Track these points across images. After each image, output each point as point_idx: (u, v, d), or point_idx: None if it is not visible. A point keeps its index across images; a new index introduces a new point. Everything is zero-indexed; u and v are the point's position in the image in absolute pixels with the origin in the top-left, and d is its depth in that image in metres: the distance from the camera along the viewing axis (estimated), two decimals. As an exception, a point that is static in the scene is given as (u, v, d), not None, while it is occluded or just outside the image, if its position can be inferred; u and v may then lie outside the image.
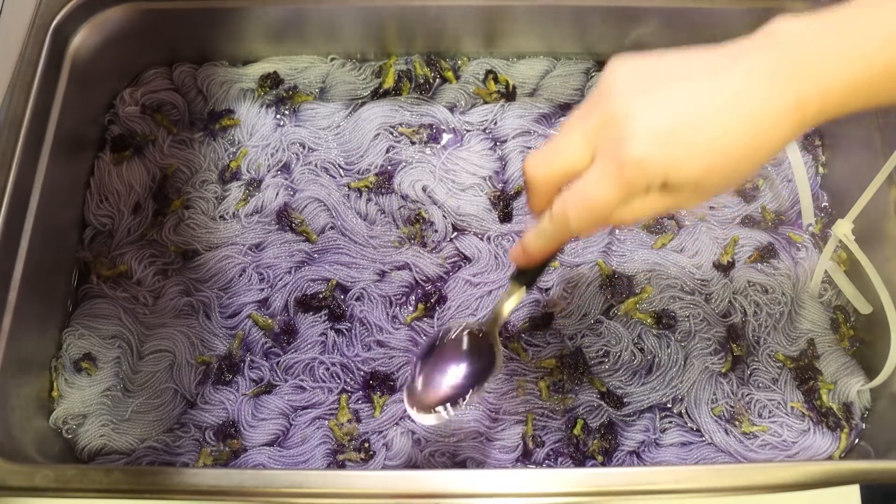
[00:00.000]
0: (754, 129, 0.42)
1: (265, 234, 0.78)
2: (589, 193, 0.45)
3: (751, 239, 0.78)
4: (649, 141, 0.42)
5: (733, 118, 0.42)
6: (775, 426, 0.71)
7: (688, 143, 0.42)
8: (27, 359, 0.70)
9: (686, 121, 0.42)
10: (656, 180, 0.43)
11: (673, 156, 0.42)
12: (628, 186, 0.44)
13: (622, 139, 0.42)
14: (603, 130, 0.44)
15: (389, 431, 0.70)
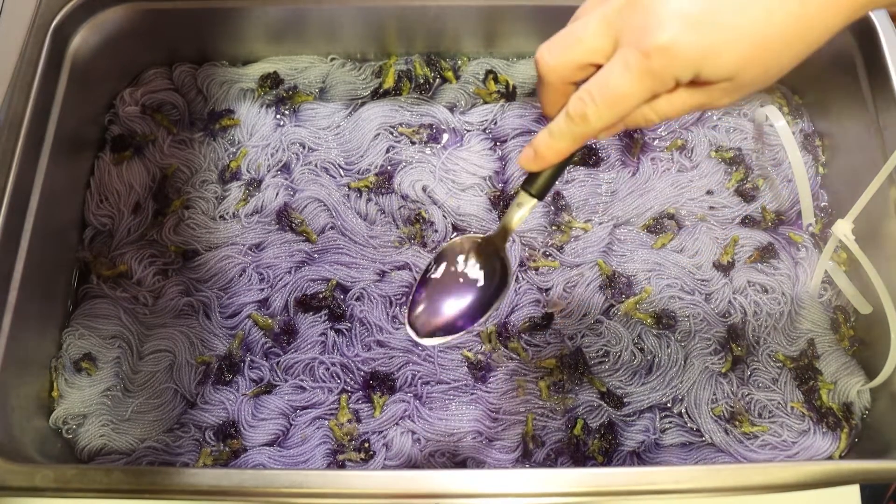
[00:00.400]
0: (801, 11, 0.37)
1: (265, 234, 0.78)
2: (610, 86, 0.39)
3: (751, 239, 0.78)
4: (679, 25, 0.37)
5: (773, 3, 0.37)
6: (775, 426, 0.71)
7: (724, 26, 0.37)
8: (27, 359, 0.70)
9: (723, 4, 0.37)
10: (686, 72, 0.38)
11: (706, 42, 0.37)
12: (655, 78, 0.39)
13: (648, 23, 0.37)
14: (626, 13, 0.39)
15: (389, 431, 0.70)
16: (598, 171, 0.81)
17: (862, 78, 0.77)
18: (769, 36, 0.37)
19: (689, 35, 0.37)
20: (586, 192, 0.80)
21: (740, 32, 0.37)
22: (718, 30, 0.37)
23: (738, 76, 0.39)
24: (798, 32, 0.38)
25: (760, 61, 0.38)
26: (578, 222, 0.79)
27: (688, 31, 0.37)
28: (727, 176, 0.82)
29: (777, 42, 0.38)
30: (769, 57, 0.38)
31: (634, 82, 0.39)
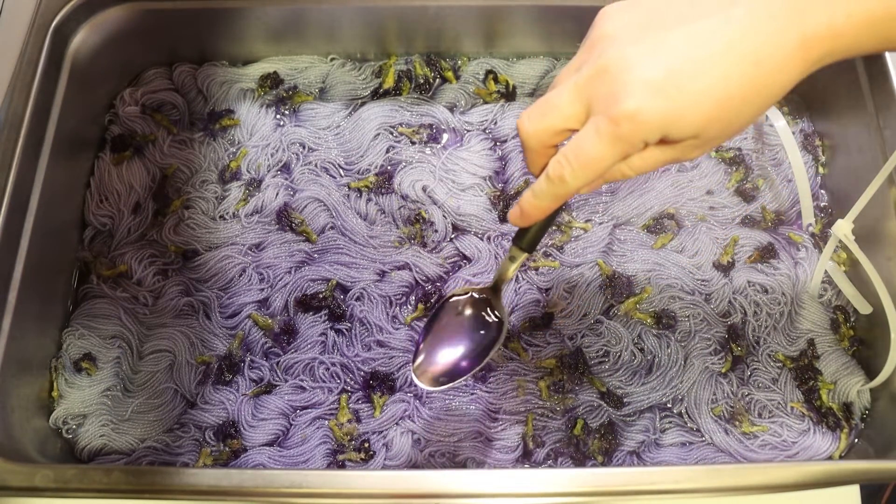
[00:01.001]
0: (755, 72, 0.39)
1: (265, 234, 0.78)
2: (584, 151, 0.42)
3: (751, 239, 0.78)
4: (644, 93, 0.39)
5: (732, 62, 0.39)
6: (775, 426, 0.71)
7: (685, 90, 0.39)
8: (27, 359, 0.70)
9: (682, 68, 0.39)
10: (654, 135, 0.41)
11: (670, 107, 0.40)
12: (625, 142, 0.41)
13: (616, 92, 0.40)
14: (596, 83, 0.41)
15: (389, 431, 0.70)
16: (598, 171, 0.81)
17: (862, 78, 0.77)
18: (728, 96, 0.40)
19: (653, 101, 0.39)
20: (586, 192, 0.80)
21: (701, 95, 0.39)
22: (681, 94, 0.39)
23: (702, 134, 0.41)
24: (755, 91, 0.40)
25: (722, 119, 0.41)
26: (578, 222, 0.79)
27: (653, 98, 0.39)
28: (727, 176, 0.82)
29: (736, 101, 0.40)
30: (730, 114, 0.41)
31: (606, 147, 0.41)
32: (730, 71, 0.39)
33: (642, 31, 0.40)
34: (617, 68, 0.40)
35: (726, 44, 0.39)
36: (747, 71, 0.39)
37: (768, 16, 0.39)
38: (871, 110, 0.75)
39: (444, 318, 0.58)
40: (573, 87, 0.42)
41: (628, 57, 0.40)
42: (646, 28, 0.40)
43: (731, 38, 0.39)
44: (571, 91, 0.42)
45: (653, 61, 0.40)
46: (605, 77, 0.41)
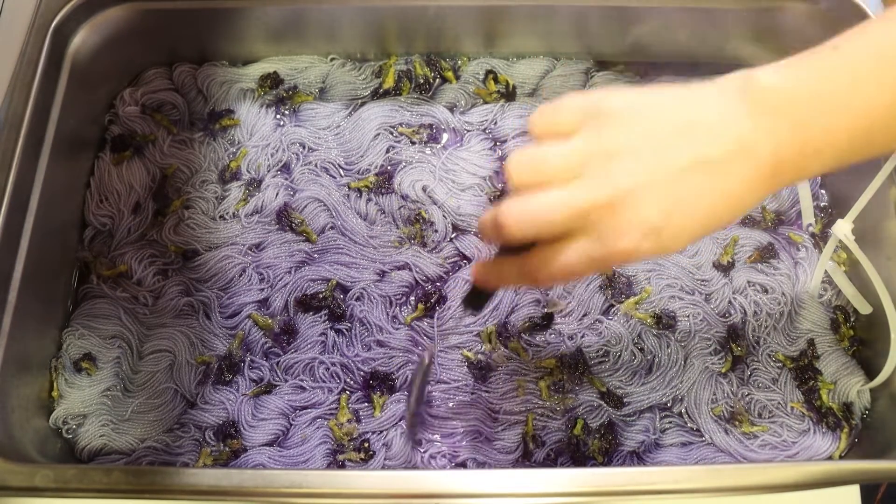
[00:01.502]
0: (736, 205, 0.43)
1: (265, 234, 0.78)
2: (565, 264, 0.44)
3: (751, 239, 0.78)
4: (643, 235, 0.42)
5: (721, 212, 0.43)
6: (775, 426, 0.71)
7: (676, 231, 0.42)
8: (27, 359, 0.70)
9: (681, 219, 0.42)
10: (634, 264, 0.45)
11: (660, 248, 0.43)
12: (604, 267, 0.46)
13: (619, 229, 0.42)
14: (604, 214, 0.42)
15: (389, 431, 0.70)
16: (598, 171, 0.81)
17: (862, 78, 0.77)
18: (706, 232, 0.43)
19: (649, 243, 0.42)
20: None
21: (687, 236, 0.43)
22: (671, 235, 0.42)
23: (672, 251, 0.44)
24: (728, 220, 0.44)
25: (694, 240, 0.44)
26: (578, 222, 0.79)
27: (648, 239, 0.42)
28: (727, 176, 0.81)
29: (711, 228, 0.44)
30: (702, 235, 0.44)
31: (587, 267, 0.44)
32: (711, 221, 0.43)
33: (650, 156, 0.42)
34: (623, 205, 0.41)
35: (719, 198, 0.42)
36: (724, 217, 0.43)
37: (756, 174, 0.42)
38: None
39: None
40: (577, 212, 0.42)
41: (637, 193, 0.41)
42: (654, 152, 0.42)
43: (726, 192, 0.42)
44: (574, 213, 0.42)
45: (656, 204, 0.41)
46: (612, 211, 0.42)
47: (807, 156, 0.42)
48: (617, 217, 0.42)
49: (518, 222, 0.43)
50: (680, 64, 0.85)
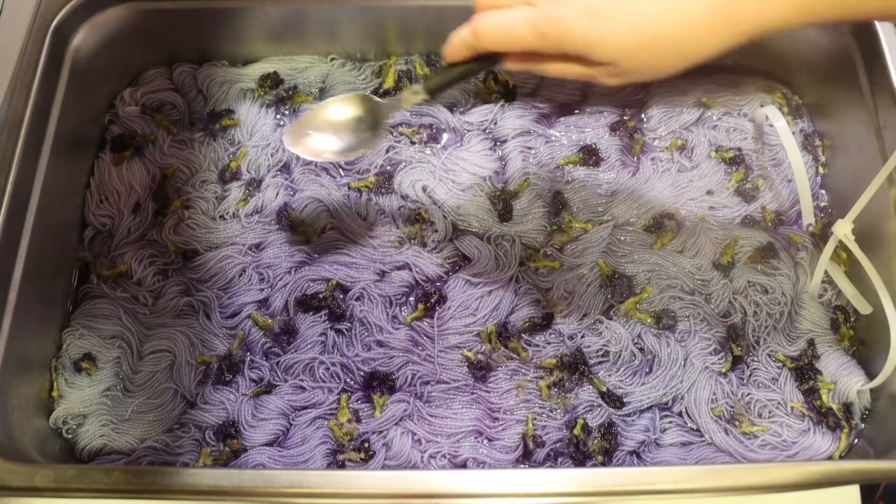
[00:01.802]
0: (684, 27, 0.43)
1: (265, 234, 0.78)
2: (509, 26, 0.48)
3: (751, 239, 0.78)
4: (582, 11, 0.44)
5: (671, 14, 0.43)
6: (775, 426, 0.71)
7: (612, 21, 0.44)
8: (27, 359, 0.70)
9: (624, 4, 0.44)
10: (574, 48, 0.46)
11: (594, 29, 0.44)
12: (545, 40, 0.46)
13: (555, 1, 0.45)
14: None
15: (389, 431, 0.70)
16: (598, 171, 0.81)
17: (862, 78, 0.77)
18: (652, 41, 0.44)
19: (583, 20, 0.44)
20: (586, 192, 0.80)
21: (625, 28, 0.44)
22: (607, 22, 0.44)
23: (618, 63, 0.45)
24: (680, 44, 0.45)
25: (639, 56, 0.45)
26: (578, 222, 0.79)
27: (586, 17, 0.44)
28: (727, 176, 0.82)
29: (659, 47, 0.44)
30: (647, 54, 0.45)
31: (527, 33, 0.47)
32: (660, 17, 0.44)
33: None
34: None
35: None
36: (678, 25, 0.43)
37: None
38: (871, 110, 0.75)
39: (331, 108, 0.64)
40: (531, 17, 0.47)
41: None
42: None
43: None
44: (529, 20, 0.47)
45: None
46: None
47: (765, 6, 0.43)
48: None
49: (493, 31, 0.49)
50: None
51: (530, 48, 0.48)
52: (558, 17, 0.45)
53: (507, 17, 0.48)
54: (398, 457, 0.69)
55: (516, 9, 0.48)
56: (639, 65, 0.46)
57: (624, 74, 0.47)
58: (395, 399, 0.72)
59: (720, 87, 0.85)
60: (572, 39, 0.45)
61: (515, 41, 0.49)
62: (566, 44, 0.46)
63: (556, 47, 0.47)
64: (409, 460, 0.69)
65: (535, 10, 0.47)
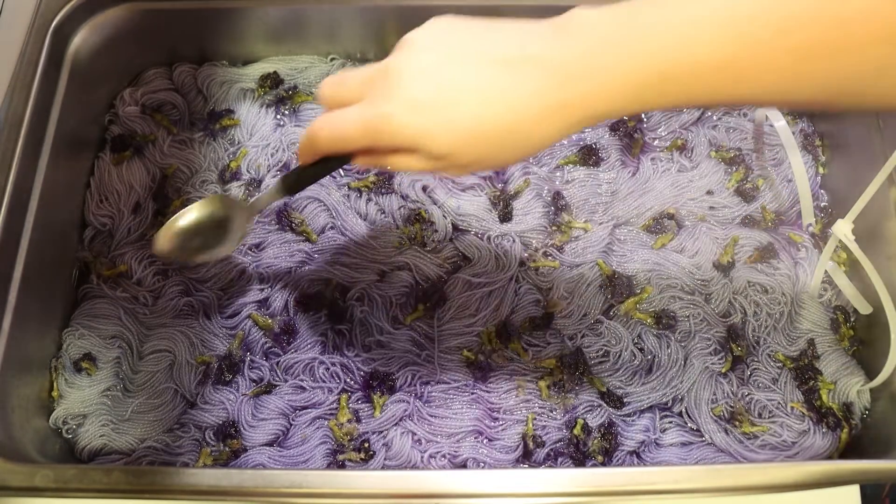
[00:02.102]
0: (511, 119, 0.43)
1: (265, 234, 0.78)
2: (341, 124, 0.48)
3: (751, 239, 0.78)
4: (406, 105, 0.44)
5: (495, 105, 0.43)
6: (775, 426, 0.71)
7: (440, 117, 0.44)
8: (27, 359, 0.70)
9: (447, 97, 0.44)
10: (405, 143, 0.45)
11: (423, 124, 0.44)
12: (376, 136, 0.46)
13: (385, 95, 0.45)
14: (377, 78, 0.47)
15: (389, 431, 0.70)
16: (598, 171, 0.81)
17: (862, 78, 0.77)
18: (483, 134, 0.44)
19: (410, 115, 0.44)
20: (586, 192, 0.80)
21: (453, 125, 0.44)
22: (435, 116, 0.44)
23: (452, 157, 0.45)
24: (513, 137, 0.44)
25: (473, 151, 0.45)
26: (578, 222, 0.79)
27: (410, 112, 0.44)
28: (727, 176, 0.82)
29: (491, 140, 0.44)
30: (482, 149, 0.45)
31: (358, 130, 0.47)
32: (491, 113, 0.43)
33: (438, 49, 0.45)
34: (396, 75, 0.45)
35: (495, 88, 0.43)
36: (508, 117, 0.43)
37: (541, 74, 0.43)
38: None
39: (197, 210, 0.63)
40: (361, 79, 0.48)
41: (407, 71, 0.45)
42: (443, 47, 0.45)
43: (501, 87, 0.43)
44: (360, 80, 0.48)
45: (425, 81, 0.44)
46: (385, 78, 0.46)
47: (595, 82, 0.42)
48: (387, 85, 0.45)
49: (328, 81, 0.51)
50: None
51: (365, 147, 0.48)
52: (386, 114, 0.45)
53: (338, 119, 0.48)
54: (398, 457, 0.69)
55: (348, 109, 0.48)
56: (475, 157, 0.45)
57: (465, 166, 0.47)
58: (395, 399, 0.72)
59: (720, 87, 0.85)
60: (402, 136, 0.45)
61: (349, 142, 0.49)
62: (397, 140, 0.46)
63: (390, 143, 0.46)
64: (409, 460, 0.69)
65: (364, 109, 0.47)
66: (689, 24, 0.41)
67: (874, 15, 0.38)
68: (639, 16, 0.42)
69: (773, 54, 0.40)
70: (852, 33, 0.38)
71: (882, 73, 0.39)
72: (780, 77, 0.41)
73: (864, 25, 0.38)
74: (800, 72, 0.40)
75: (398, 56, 0.46)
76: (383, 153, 0.48)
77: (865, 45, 0.38)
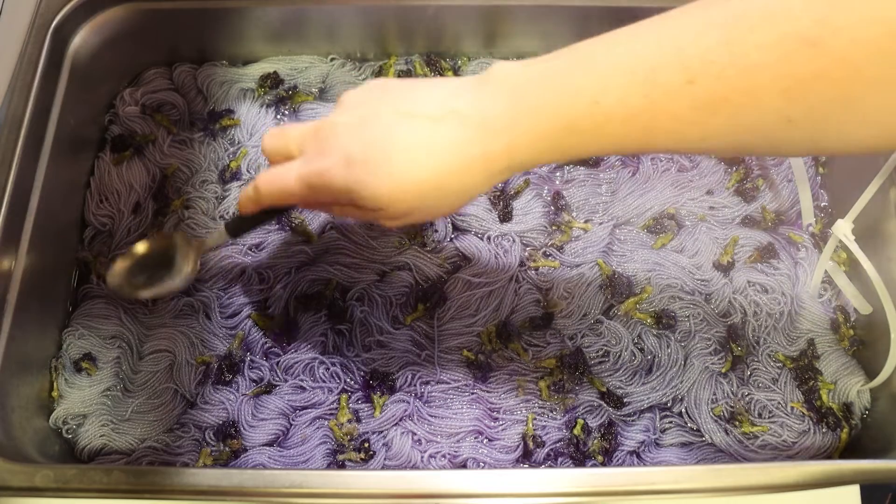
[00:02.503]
0: (437, 175, 0.45)
1: (265, 234, 0.78)
2: (281, 179, 0.52)
3: (751, 239, 0.78)
4: (338, 160, 0.47)
5: (423, 159, 0.45)
6: (775, 426, 0.71)
7: (371, 173, 0.46)
8: (27, 359, 0.70)
9: (377, 152, 0.46)
10: (341, 196, 0.48)
11: (355, 179, 0.46)
12: (314, 190, 0.49)
13: (321, 152, 0.49)
14: (312, 135, 0.50)
15: (389, 431, 0.70)
16: (598, 171, 0.81)
17: (862, 78, 0.77)
18: (414, 187, 0.46)
19: (342, 170, 0.47)
20: (586, 192, 0.80)
21: (385, 179, 0.45)
22: (367, 171, 0.46)
23: (388, 209, 0.47)
24: (437, 187, 0.46)
25: (406, 202, 0.46)
26: (578, 222, 0.79)
27: (342, 167, 0.47)
28: (727, 176, 0.82)
29: (422, 192, 0.46)
30: (415, 202, 0.46)
31: (296, 184, 0.51)
32: (419, 166, 0.45)
33: (369, 108, 0.48)
34: (330, 132, 0.49)
35: (422, 142, 0.45)
36: (431, 169, 0.45)
37: (462, 128, 0.45)
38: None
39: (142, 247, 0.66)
40: (299, 135, 0.52)
41: (340, 128, 0.48)
42: (374, 105, 0.48)
43: (427, 141, 0.45)
44: (298, 136, 0.52)
45: (356, 139, 0.47)
46: (320, 134, 0.50)
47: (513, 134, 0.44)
48: (323, 140, 0.49)
49: (269, 135, 0.54)
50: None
51: (305, 199, 0.52)
52: (322, 169, 0.48)
53: (279, 174, 0.52)
54: (398, 457, 0.69)
55: (289, 164, 0.51)
56: (408, 208, 0.47)
57: (400, 217, 0.48)
58: (395, 399, 0.72)
59: (720, 87, 0.85)
60: (337, 189, 0.47)
61: (289, 196, 0.52)
62: (334, 193, 0.48)
63: (328, 196, 0.49)
64: (409, 460, 0.69)
65: (303, 164, 0.50)
66: (598, 77, 0.42)
67: (781, 62, 0.37)
68: (551, 70, 0.44)
69: (679, 105, 0.40)
70: (757, 85, 0.38)
71: (791, 125, 0.39)
72: (688, 128, 0.41)
73: (770, 75, 0.38)
74: (707, 124, 0.40)
75: (333, 114, 0.50)
76: (324, 204, 0.53)
77: (773, 96, 0.38)
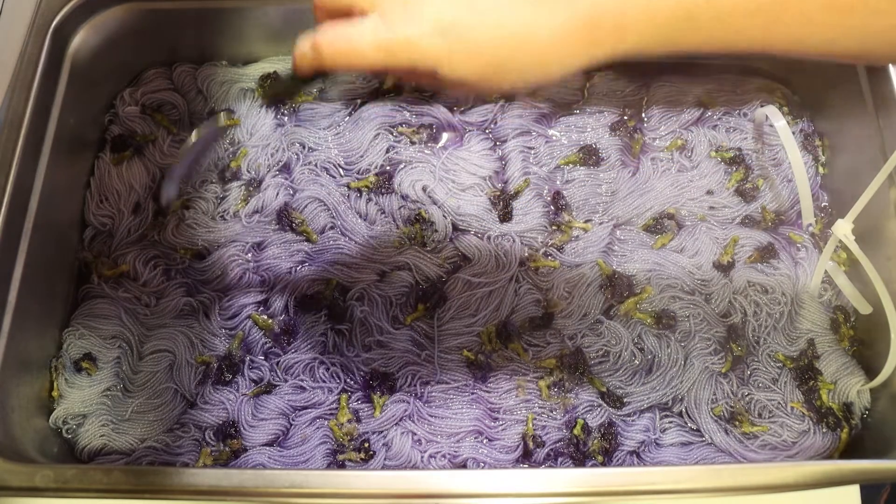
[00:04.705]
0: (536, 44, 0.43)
1: (265, 234, 0.78)
2: (350, 41, 0.45)
3: (751, 239, 0.78)
4: (430, 27, 0.43)
5: (516, 30, 0.43)
6: (775, 426, 0.71)
7: (463, 41, 0.43)
8: (27, 359, 0.70)
9: (468, 21, 0.43)
10: (424, 66, 0.44)
11: (445, 48, 0.43)
12: (393, 58, 0.45)
13: (405, 17, 0.44)
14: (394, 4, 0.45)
15: (389, 431, 0.70)
16: (598, 171, 0.81)
17: (862, 78, 0.77)
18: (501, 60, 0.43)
19: (434, 38, 0.43)
20: (586, 192, 0.80)
21: (474, 52, 0.43)
22: (458, 42, 0.43)
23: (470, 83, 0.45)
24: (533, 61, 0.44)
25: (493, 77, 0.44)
26: (578, 222, 0.79)
27: (434, 35, 0.43)
28: (727, 176, 0.82)
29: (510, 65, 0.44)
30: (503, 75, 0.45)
31: (373, 50, 0.45)
32: (511, 38, 0.43)
33: None
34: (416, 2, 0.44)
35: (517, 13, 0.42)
36: (529, 42, 0.43)
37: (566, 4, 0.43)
38: (871, 110, 0.75)
39: None
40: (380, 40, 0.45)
41: None
42: None
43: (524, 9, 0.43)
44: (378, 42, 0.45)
45: (452, 6, 0.43)
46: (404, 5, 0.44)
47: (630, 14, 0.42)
48: (409, 9, 0.44)
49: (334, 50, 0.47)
50: (680, 64, 0.86)
51: (377, 66, 0.46)
52: (409, 36, 0.44)
53: (350, 36, 0.46)
54: (398, 457, 0.69)
55: (359, 26, 0.45)
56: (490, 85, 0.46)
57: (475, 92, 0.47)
58: (395, 399, 0.72)
59: (720, 86, 0.85)
60: (422, 57, 0.44)
61: (360, 61, 0.46)
62: (417, 62, 0.45)
63: (408, 65, 0.45)
64: (409, 460, 0.69)
65: (382, 27, 0.45)
66: None
67: None
68: None
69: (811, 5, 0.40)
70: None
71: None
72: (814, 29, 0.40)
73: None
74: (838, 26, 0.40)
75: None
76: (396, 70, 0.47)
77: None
